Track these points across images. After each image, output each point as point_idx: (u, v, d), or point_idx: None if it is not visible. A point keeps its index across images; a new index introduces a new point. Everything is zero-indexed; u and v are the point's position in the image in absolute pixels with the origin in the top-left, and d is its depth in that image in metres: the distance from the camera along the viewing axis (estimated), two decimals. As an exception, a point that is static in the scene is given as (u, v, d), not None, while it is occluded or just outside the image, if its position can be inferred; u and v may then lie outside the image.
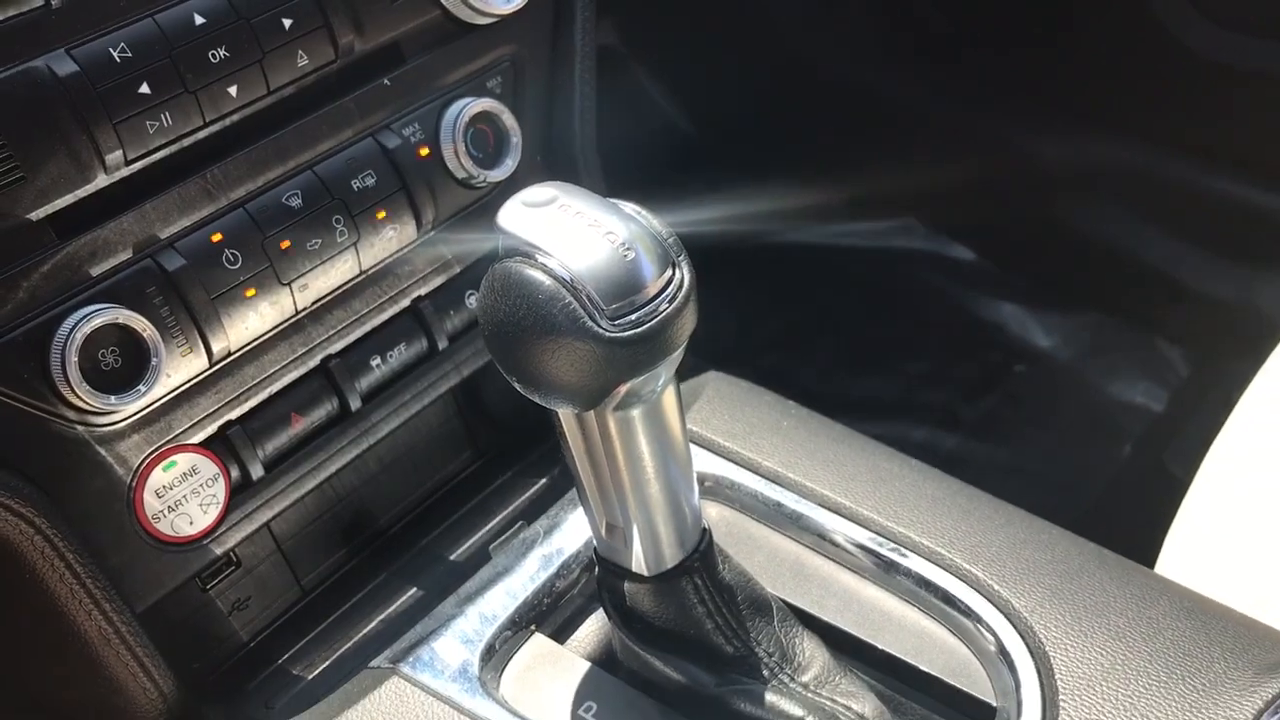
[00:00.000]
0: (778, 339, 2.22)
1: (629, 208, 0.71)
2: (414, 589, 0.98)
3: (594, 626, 0.90)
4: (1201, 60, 1.91)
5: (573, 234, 0.68)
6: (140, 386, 0.80)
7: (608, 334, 0.66)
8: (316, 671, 0.92)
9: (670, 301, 0.68)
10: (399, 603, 0.97)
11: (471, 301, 1.01)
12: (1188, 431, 1.87)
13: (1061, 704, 0.75)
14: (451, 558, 1.00)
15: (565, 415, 0.73)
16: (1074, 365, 2.17)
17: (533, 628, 0.88)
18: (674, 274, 0.69)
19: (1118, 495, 1.96)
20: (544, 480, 1.05)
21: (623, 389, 0.69)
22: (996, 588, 0.82)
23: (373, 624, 0.96)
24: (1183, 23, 1.92)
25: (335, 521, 1.01)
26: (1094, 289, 2.17)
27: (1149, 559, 1.07)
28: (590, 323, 0.66)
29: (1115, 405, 2.12)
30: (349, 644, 0.94)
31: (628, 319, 0.67)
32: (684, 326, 0.69)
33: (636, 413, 0.72)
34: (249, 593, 0.96)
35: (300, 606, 0.98)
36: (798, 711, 0.78)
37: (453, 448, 1.08)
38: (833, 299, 2.27)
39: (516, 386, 0.70)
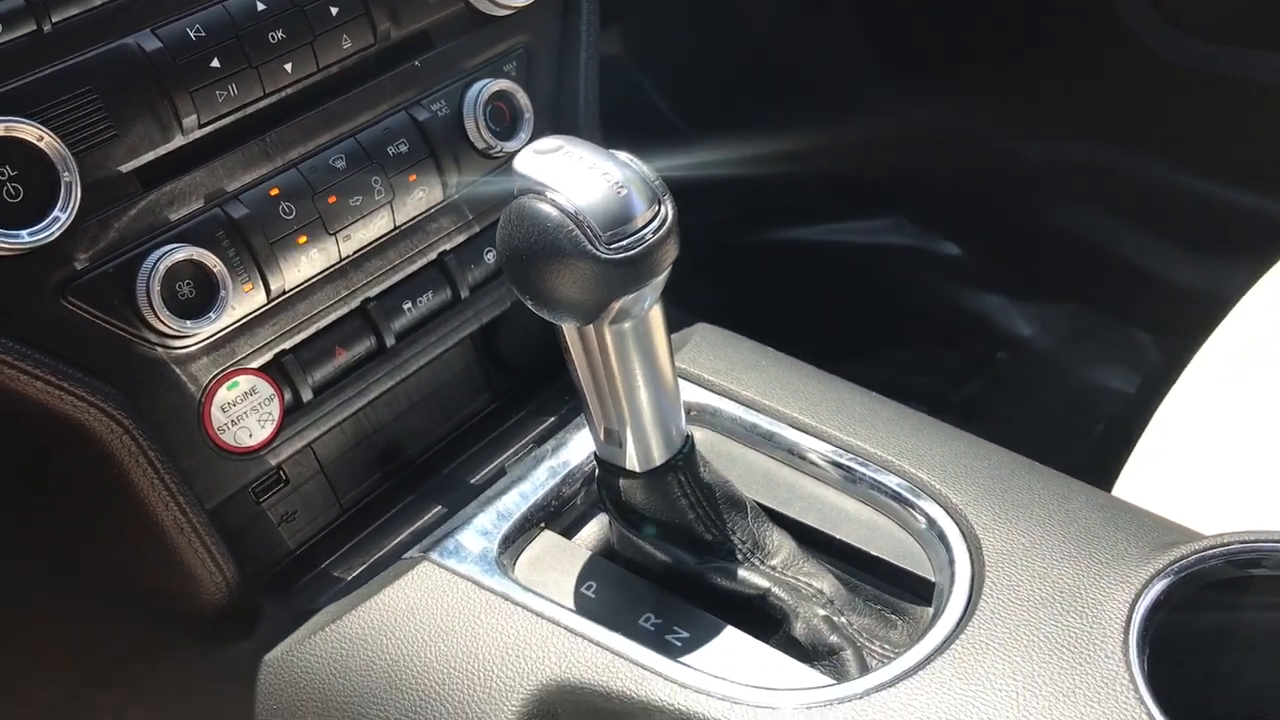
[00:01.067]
0: (770, 330, 2.36)
1: (623, 155, 0.85)
2: (439, 506, 1.12)
3: (595, 528, 1.04)
4: (1167, 65, 2.05)
5: (576, 175, 0.82)
6: (211, 314, 0.95)
7: (604, 256, 0.80)
8: (355, 573, 1.07)
9: (655, 232, 0.82)
10: (426, 517, 1.11)
11: (489, 257, 1.15)
12: (1156, 410, 2.01)
13: (987, 575, 0.89)
14: (472, 481, 1.14)
15: (569, 330, 0.87)
16: (1053, 352, 2.31)
17: (543, 525, 1.02)
18: (659, 209, 0.83)
19: (1092, 470, 2.09)
20: (553, 418, 1.19)
21: (616, 305, 0.84)
22: (938, 486, 0.96)
23: (404, 535, 1.10)
24: (1150, 30, 2.06)
25: (370, 449, 1.15)
26: (1072, 280, 2.31)
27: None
28: (590, 247, 0.80)
29: (1091, 388, 2.25)
30: (384, 550, 1.08)
31: (620, 244, 0.81)
32: (667, 253, 0.83)
33: (628, 326, 0.86)
34: (296, 508, 1.10)
35: (340, 521, 1.12)
36: (764, 583, 0.92)
37: (472, 390, 1.22)
38: (824, 292, 2.41)
39: (529, 305, 0.85)
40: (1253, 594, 0.87)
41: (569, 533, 1.04)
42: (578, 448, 1.07)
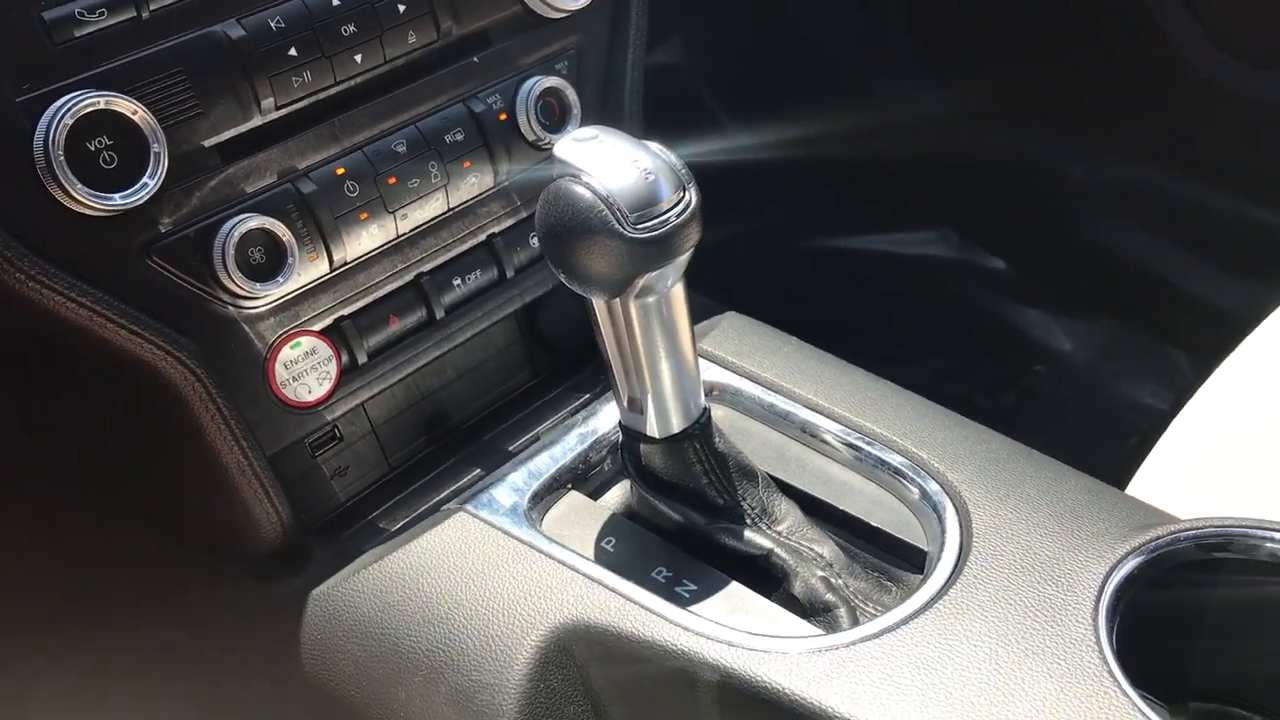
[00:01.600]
0: (814, 332, 2.43)
1: (654, 146, 0.94)
2: (478, 469, 1.21)
3: (618, 493, 1.13)
4: (1215, 89, 2.10)
5: (609, 162, 0.91)
6: (279, 278, 1.04)
7: (630, 235, 0.89)
8: (399, 525, 1.16)
9: (678, 215, 0.91)
10: (466, 478, 1.20)
11: (535, 241, 1.23)
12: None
13: (975, 544, 0.96)
14: (509, 448, 1.23)
15: (598, 304, 0.96)
16: (1089, 366, 2.36)
17: (570, 486, 1.11)
18: (684, 195, 0.92)
19: (1121, 479, 2.15)
20: (587, 395, 1.28)
21: (640, 281, 0.92)
22: (936, 465, 1.03)
23: (445, 493, 1.18)
24: (1200, 55, 2.11)
25: (418, 414, 1.24)
26: (1111, 298, 2.37)
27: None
28: (618, 226, 0.89)
29: (1124, 403, 2.30)
30: (426, 505, 1.17)
31: (646, 225, 0.89)
32: (689, 235, 0.92)
33: (651, 301, 0.94)
34: (348, 463, 1.19)
35: (388, 479, 1.21)
36: (768, 544, 1.00)
37: (514, 365, 1.30)
38: (870, 299, 2.48)
39: (562, 278, 0.94)
40: (1218, 576, 0.94)
41: (594, 496, 1.13)
42: (606, 418, 1.16)
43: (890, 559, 1.05)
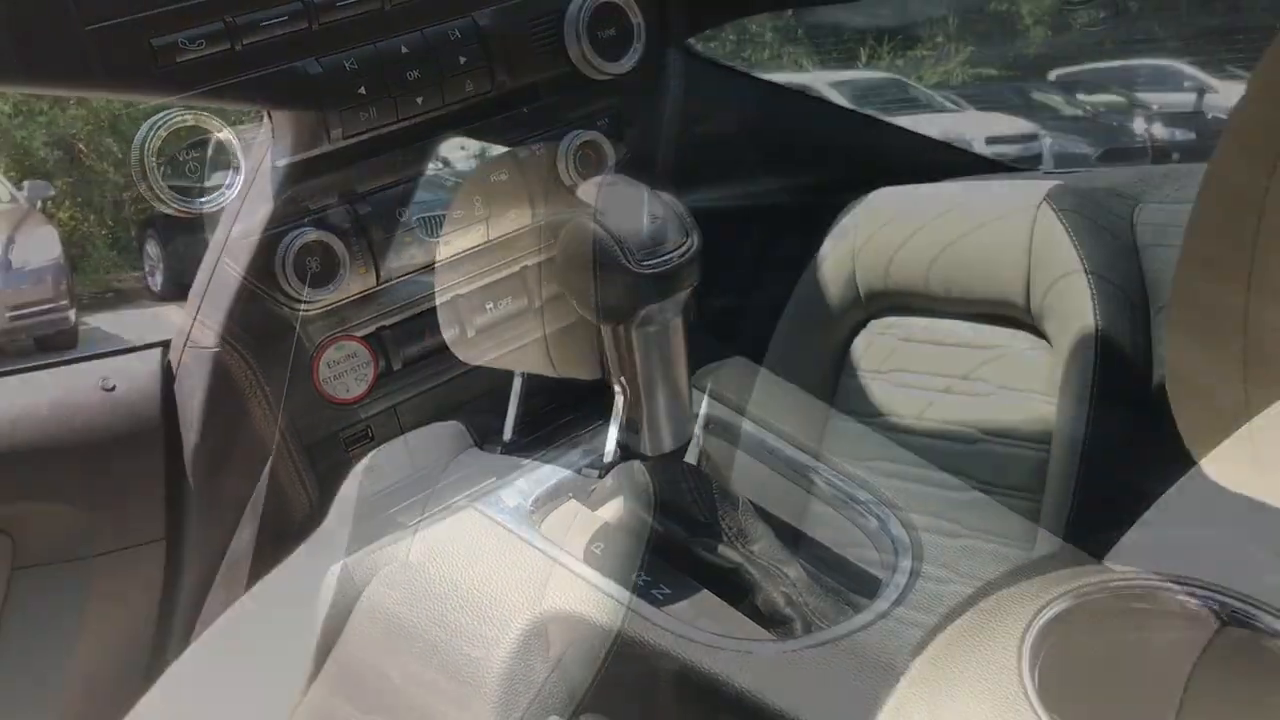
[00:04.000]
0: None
1: (665, 196, 1.06)
2: (494, 478, 1.33)
3: (613, 508, 1.23)
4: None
5: (623, 206, 1.04)
6: (330, 286, 1.18)
7: (635, 270, 1.01)
8: (416, 520, 1.28)
9: (680, 257, 1.03)
10: (483, 484, 1.32)
11: None
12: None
13: (923, 574, 1.06)
14: (524, 463, 1.35)
15: (605, 329, 1.08)
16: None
17: (570, 496, 1.23)
18: (686, 240, 1.04)
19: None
20: (600, 422, 1.40)
21: (642, 312, 1.04)
22: (899, 504, 1.14)
23: (460, 497, 1.31)
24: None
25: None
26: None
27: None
28: (625, 262, 1.01)
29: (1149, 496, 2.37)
30: (443, 506, 1.29)
31: (650, 263, 1.02)
32: (688, 275, 1.04)
33: (651, 330, 1.06)
34: None
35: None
36: (738, 560, 1.11)
37: (537, 389, 1.43)
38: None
39: (574, 304, 1.06)
40: (1127, 620, 1.03)
41: (592, 508, 1.24)
42: (611, 439, 1.28)
43: (850, 585, 1.14)
